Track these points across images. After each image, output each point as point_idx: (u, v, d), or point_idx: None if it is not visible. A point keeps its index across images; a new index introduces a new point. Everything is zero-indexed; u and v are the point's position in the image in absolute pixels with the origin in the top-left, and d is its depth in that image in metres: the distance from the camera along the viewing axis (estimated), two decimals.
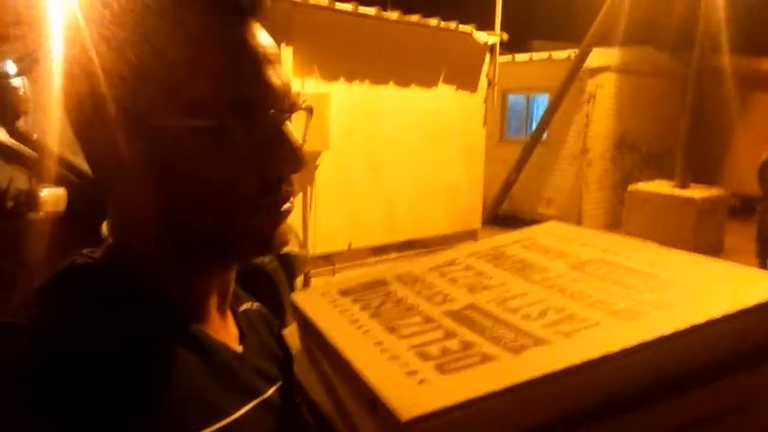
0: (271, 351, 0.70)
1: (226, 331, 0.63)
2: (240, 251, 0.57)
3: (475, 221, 8.06)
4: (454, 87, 7.45)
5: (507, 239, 0.90)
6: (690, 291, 0.63)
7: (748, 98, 11.62)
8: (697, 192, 7.82)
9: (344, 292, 0.79)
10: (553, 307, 0.64)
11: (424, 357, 0.58)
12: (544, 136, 9.55)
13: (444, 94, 7.35)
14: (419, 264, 0.86)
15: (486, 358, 0.56)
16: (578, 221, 9.43)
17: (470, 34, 7.36)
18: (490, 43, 7.62)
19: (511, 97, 10.36)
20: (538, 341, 0.57)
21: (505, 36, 7.80)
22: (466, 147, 7.73)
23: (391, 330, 0.66)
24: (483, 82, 7.82)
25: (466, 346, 0.59)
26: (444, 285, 0.77)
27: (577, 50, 8.98)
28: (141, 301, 0.54)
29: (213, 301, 0.61)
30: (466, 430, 0.50)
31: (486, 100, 7.88)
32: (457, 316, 0.67)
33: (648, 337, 0.54)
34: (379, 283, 0.81)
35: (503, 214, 9.82)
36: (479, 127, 7.92)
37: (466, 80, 7.57)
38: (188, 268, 0.57)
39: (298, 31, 5.76)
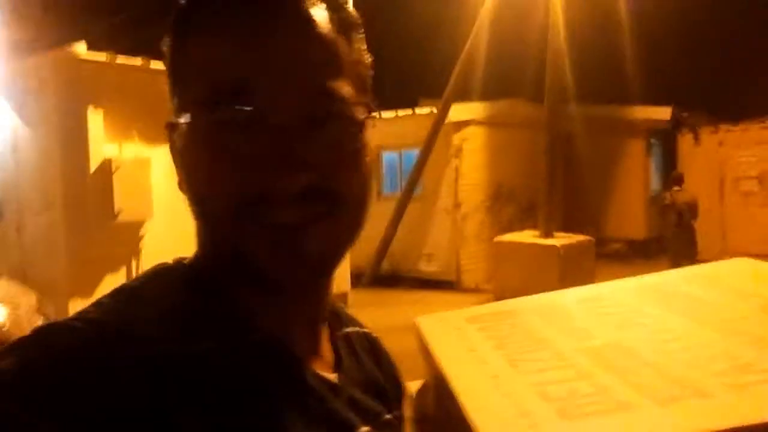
0: (374, 383, 0.63)
1: (317, 357, 0.56)
2: (257, 277, 0.50)
3: (343, 284, 7.73)
4: None
5: (679, 273, 0.83)
6: None
7: (623, 145, 12.08)
8: (559, 240, 7.81)
9: (471, 320, 0.75)
10: (725, 354, 0.56)
11: (545, 398, 0.53)
12: (419, 191, 9.48)
13: None
14: (561, 296, 0.80)
15: (622, 407, 0.49)
16: (457, 276, 9.27)
17: None
18: None
19: (385, 155, 10.28)
20: (697, 393, 0.50)
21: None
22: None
23: (513, 363, 0.61)
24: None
25: (600, 390, 0.53)
26: (587, 319, 0.70)
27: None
28: (214, 313, 0.50)
29: (293, 323, 0.54)
30: None
31: None
32: (595, 354, 0.60)
33: None
34: (512, 313, 0.75)
35: (384, 274, 9.56)
36: None
37: None
38: (247, 288, 0.51)
39: (109, 92, 5.42)
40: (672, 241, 7.39)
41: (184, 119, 0.49)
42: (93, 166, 5.56)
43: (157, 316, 0.47)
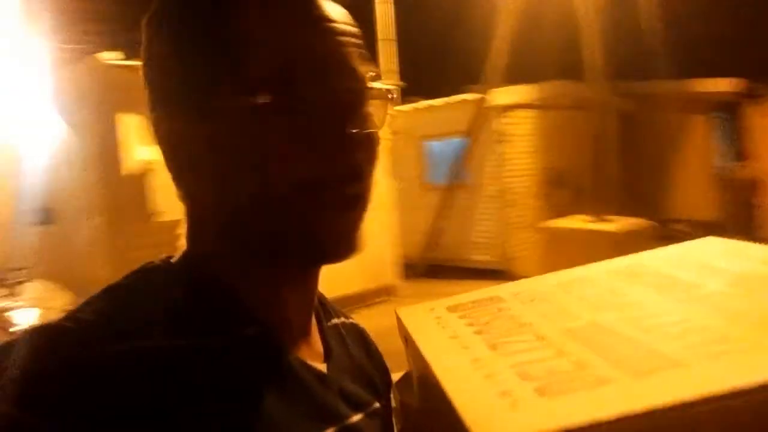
0: (363, 372, 0.64)
1: (308, 347, 0.57)
2: (315, 252, 0.52)
3: (391, 276, 7.67)
4: None
5: (651, 255, 0.84)
6: None
7: (686, 120, 11.44)
8: (613, 224, 7.45)
9: (452, 308, 0.75)
10: (698, 326, 0.58)
11: (525, 377, 0.53)
12: (465, 179, 9.26)
13: None
14: (542, 281, 0.81)
15: (600, 382, 0.50)
16: (509, 264, 9.03)
17: None
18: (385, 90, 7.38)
19: (429, 143, 10.11)
20: (673, 363, 0.51)
21: (400, 82, 7.59)
22: (376, 200, 7.37)
23: (494, 347, 0.61)
24: (384, 130, 7.55)
25: (579, 367, 0.53)
26: (567, 302, 0.71)
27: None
28: (208, 307, 0.50)
29: (292, 312, 0.56)
30: None
31: (391, 149, 7.61)
32: (574, 334, 0.61)
33: None
34: (493, 300, 0.76)
35: (435, 264, 9.43)
36: (387, 178, 7.62)
37: None
38: (260, 274, 0.53)
39: (144, 97, 5.52)
40: (729, 218, 6.91)
41: (247, 100, 0.48)
42: (127, 168, 5.69)
43: (147, 312, 0.47)
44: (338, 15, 0.51)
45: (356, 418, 0.57)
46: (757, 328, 0.55)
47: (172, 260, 0.54)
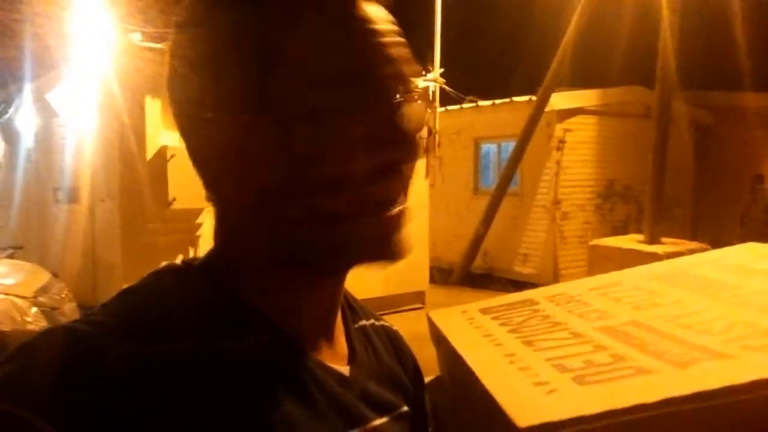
0: (391, 375, 0.63)
1: (330, 349, 0.57)
2: (349, 255, 0.51)
3: (421, 282, 7.35)
4: None
5: (689, 260, 0.86)
6: None
7: None
8: (665, 247, 6.80)
9: (484, 311, 0.77)
10: (741, 323, 0.58)
11: (562, 369, 0.54)
12: (515, 186, 8.77)
13: None
14: (576, 285, 0.83)
15: (641, 371, 0.51)
16: (554, 279, 8.48)
17: None
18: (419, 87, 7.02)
19: (483, 146, 9.66)
20: (717, 355, 0.51)
21: (440, 80, 7.22)
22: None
23: (529, 343, 0.62)
24: (422, 131, 7.22)
25: (618, 359, 0.54)
26: (604, 303, 0.72)
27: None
28: (230, 308, 0.50)
29: (315, 315, 0.55)
30: None
31: (426, 150, 7.25)
32: (612, 331, 0.62)
33: None
34: (526, 303, 0.78)
35: (478, 272, 9.01)
36: (420, 180, 7.28)
37: None
38: (284, 279, 0.52)
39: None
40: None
41: (297, 104, 0.47)
42: (149, 153, 5.63)
43: (162, 316, 0.47)
44: (376, 15, 0.50)
45: (380, 421, 0.56)
46: None
47: (195, 263, 0.54)
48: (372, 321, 0.67)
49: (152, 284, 0.51)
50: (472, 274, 8.96)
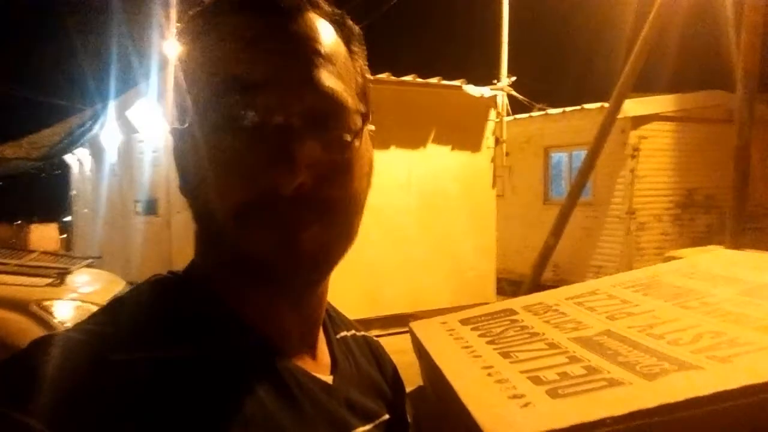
0: (373, 384, 0.65)
1: (313, 359, 0.58)
2: (259, 273, 0.51)
3: (488, 293, 7.23)
4: (449, 147, 6.85)
5: (663, 268, 0.87)
6: None
7: None
8: None
9: (464, 321, 0.77)
10: (708, 332, 0.60)
11: (537, 381, 0.55)
12: (587, 195, 8.50)
13: (437, 154, 6.77)
14: (553, 294, 0.84)
15: (613, 383, 0.52)
16: None
17: (460, 89, 6.77)
18: (486, 96, 6.95)
19: (554, 155, 9.43)
20: (684, 366, 0.53)
21: (507, 88, 7.11)
22: (472, 211, 7.02)
23: (506, 355, 0.63)
24: (489, 140, 7.14)
25: (591, 371, 0.55)
26: (579, 313, 0.73)
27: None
28: (214, 317, 0.52)
29: (290, 325, 0.56)
30: None
31: (494, 160, 7.16)
32: (587, 342, 0.63)
33: None
34: (505, 313, 0.79)
35: (548, 285, 8.78)
36: (487, 189, 7.19)
37: (465, 139, 6.94)
38: (248, 290, 0.53)
39: None
40: None
41: (187, 122, 0.51)
42: None
43: (148, 324, 0.49)
44: (284, 33, 0.50)
45: (364, 428, 0.57)
46: (764, 332, 0.57)
47: (179, 272, 0.56)
48: (353, 332, 0.68)
49: (139, 295, 0.53)
50: (543, 286, 8.73)
